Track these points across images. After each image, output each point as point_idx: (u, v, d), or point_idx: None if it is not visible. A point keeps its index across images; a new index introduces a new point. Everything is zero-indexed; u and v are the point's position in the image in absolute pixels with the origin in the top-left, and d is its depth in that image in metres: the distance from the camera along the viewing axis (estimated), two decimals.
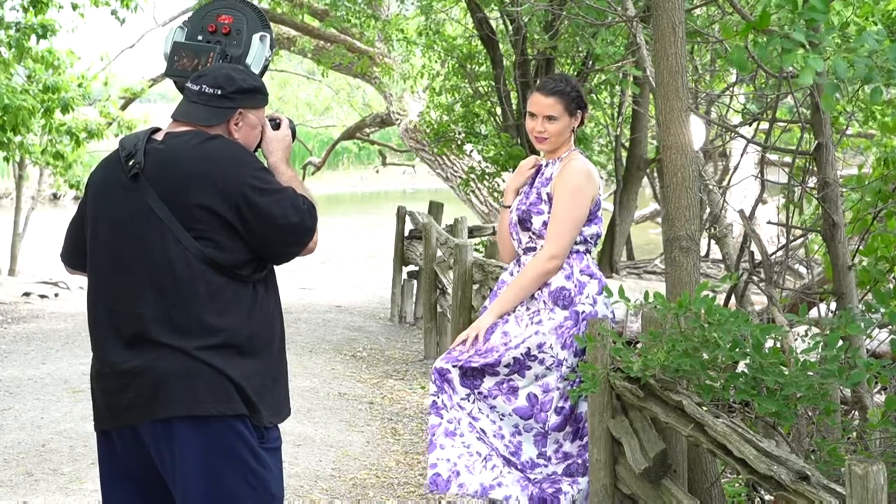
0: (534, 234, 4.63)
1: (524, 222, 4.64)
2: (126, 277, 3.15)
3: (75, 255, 3.39)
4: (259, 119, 3.31)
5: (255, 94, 3.27)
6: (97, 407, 3.25)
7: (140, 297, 3.11)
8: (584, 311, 4.51)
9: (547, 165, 4.71)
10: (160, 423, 3.09)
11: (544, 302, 4.55)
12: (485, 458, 4.53)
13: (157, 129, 3.29)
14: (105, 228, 3.20)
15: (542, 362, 4.48)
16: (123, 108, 16.70)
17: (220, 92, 3.21)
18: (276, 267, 3.38)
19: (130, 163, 3.14)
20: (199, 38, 3.40)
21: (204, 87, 3.21)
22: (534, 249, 4.64)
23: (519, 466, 4.53)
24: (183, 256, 3.09)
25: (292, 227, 3.24)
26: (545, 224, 4.58)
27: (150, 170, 3.13)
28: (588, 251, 4.67)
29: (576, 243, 4.60)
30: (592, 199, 4.61)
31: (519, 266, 4.69)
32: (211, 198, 3.09)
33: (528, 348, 4.48)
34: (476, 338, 4.60)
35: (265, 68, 3.41)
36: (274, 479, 3.21)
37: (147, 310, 3.10)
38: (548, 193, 4.60)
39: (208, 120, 3.21)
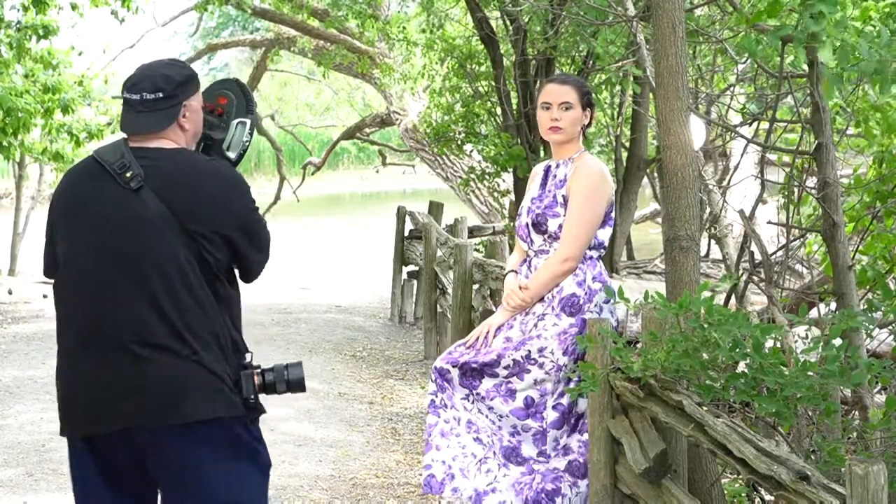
0: (549, 236, 4.59)
1: (539, 225, 4.60)
2: (133, 284, 3.17)
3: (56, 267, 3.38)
4: (199, 101, 3.38)
5: (190, 83, 3.33)
6: (79, 413, 3.26)
7: (144, 303, 3.16)
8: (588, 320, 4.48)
9: (558, 166, 4.68)
10: (174, 428, 3.16)
11: (552, 307, 4.53)
12: (480, 461, 4.52)
13: (126, 139, 3.32)
14: (102, 239, 3.21)
15: (541, 366, 4.47)
16: None
17: (161, 94, 3.25)
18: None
19: (128, 175, 3.19)
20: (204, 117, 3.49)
21: (144, 94, 3.25)
22: (546, 252, 4.61)
23: (520, 460, 4.51)
24: (189, 265, 3.18)
25: (266, 245, 3.41)
26: (561, 227, 4.55)
27: (154, 181, 3.20)
28: (601, 256, 4.65)
29: (589, 248, 4.58)
30: (607, 200, 4.60)
31: (529, 268, 4.67)
32: (224, 217, 3.23)
33: (529, 351, 4.48)
34: (486, 335, 4.61)
35: (243, 152, 3.51)
36: (265, 449, 3.39)
37: (151, 316, 3.15)
38: (563, 196, 4.57)
39: (161, 125, 3.26)
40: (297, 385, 3.38)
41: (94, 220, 3.22)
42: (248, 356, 3.34)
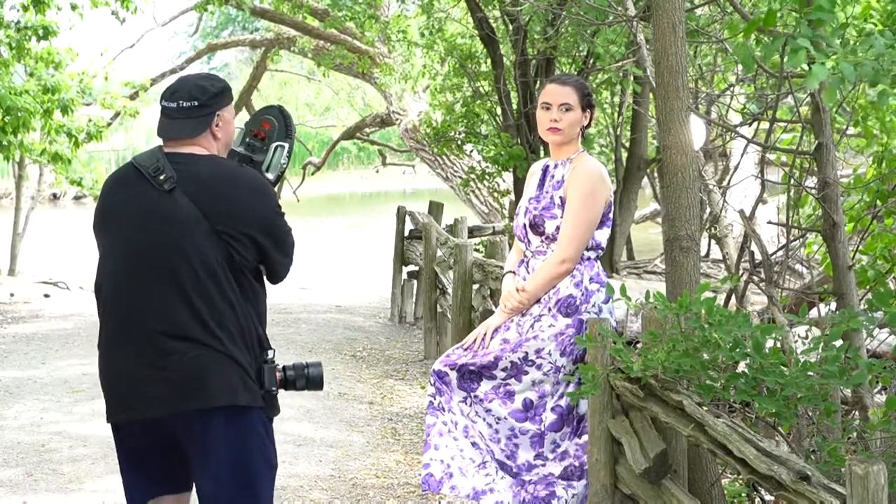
0: (547, 238, 4.58)
1: (536, 226, 4.59)
2: (162, 278, 3.39)
3: None
4: (231, 113, 3.61)
5: (224, 94, 3.56)
6: (121, 398, 3.46)
7: (175, 298, 3.38)
8: (587, 320, 4.47)
9: (556, 167, 4.67)
10: (199, 413, 3.37)
11: (549, 308, 4.53)
12: (478, 465, 4.52)
13: (162, 147, 3.54)
14: (137, 237, 3.43)
15: (539, 368, 4.47)
16: (132, 98, 16.66)
17: (196, 103, 3.49)
18: None
19: (162, 177, 3.42)
20: (247, 139, 3.71)
21: (181, 102, 3.48)
22: (543, 253, 4.59)
23: (514, 470, 4.51)
24: (217, 263, 3.39)
25: (291, 249, 3.62)
26: (559, 228, 4.54)
27: (186, 184, 3.41)
28: (598, 257, 4.64)
29: (587, 248, 4.57)
30: (605, 201, 4.58)
31: (527, 269, 4.67)
32: (251, 221, 3.42)
33: (526, 353, 4.47)
34: (484, 337, 4.60)
35: (281, 173, 3.72)
36: (274, 450, 3.61)
37: (181, 310, 3.37)
38: (560, 197, 4.56)
39: (195, 131, 3.49)
40: (315, 382, 3.58)
41: (129, 220, 3.44)
42: (270, 353, 3.52)
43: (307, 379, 3.57)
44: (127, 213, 3.45)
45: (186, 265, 3.36)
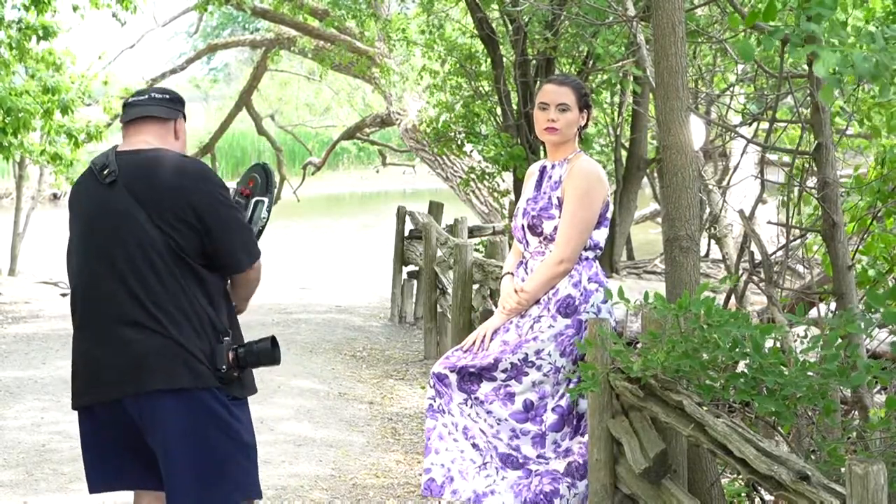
0: (545, 238, 4.58)
1: (534, 227, 4.59)
2: (106, 267, 3.60)
3: None
4: (185, 128, 3.87)
5: (184, 105, 3.84)
6: (81, 383, 3.66)
7: (117, 284, 3.57)
8: (587, 320, 4.47)
9: (553, 167, 4.68)
10: (144, 395, 3.53)
11: (548, 309, 4.53)
12: (479, 467, 4.52)
13: (116, 146, 3.76)
14: (88, 229, 3.68)
15: (539, 369, 4.47)
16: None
17: (168, 97, 3.79)
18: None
19: (105, 172, 3.63)
20: (235, 198, 3.92)
21: (153, 94, 3.76)
22: (542, 254, 4.59)
23: (521, 460, 4.50)
24: (153, 249, 3.55)
25: (244, 238, 3.71)
26: (556, 229, 4.54)
27: (125, 176, 3.62)
28: (597, 257, 4.64)
29: (585, 249, 4.57)
30: (602, 201, 4.58)
31: (526, 270, 4.67)
32: (182, 204, 3.57)
33: (526, 354, 4.47)
34: (483, 339, 4.60)
35: (262, 229, 3.90)
36: (245, 429, 3.70)
37: (122, 295, 3.56)
38: (558, 197, 4.56)
39: (166, 114, 3.73)
40: (265, 356, 3.68)
41: (83, 214, 3.71)
42: (227, 338, 3.64)
43: (257, 355, 3.67)
44: (81, 208, 3.72)
45: (124, 253, 3.55)
